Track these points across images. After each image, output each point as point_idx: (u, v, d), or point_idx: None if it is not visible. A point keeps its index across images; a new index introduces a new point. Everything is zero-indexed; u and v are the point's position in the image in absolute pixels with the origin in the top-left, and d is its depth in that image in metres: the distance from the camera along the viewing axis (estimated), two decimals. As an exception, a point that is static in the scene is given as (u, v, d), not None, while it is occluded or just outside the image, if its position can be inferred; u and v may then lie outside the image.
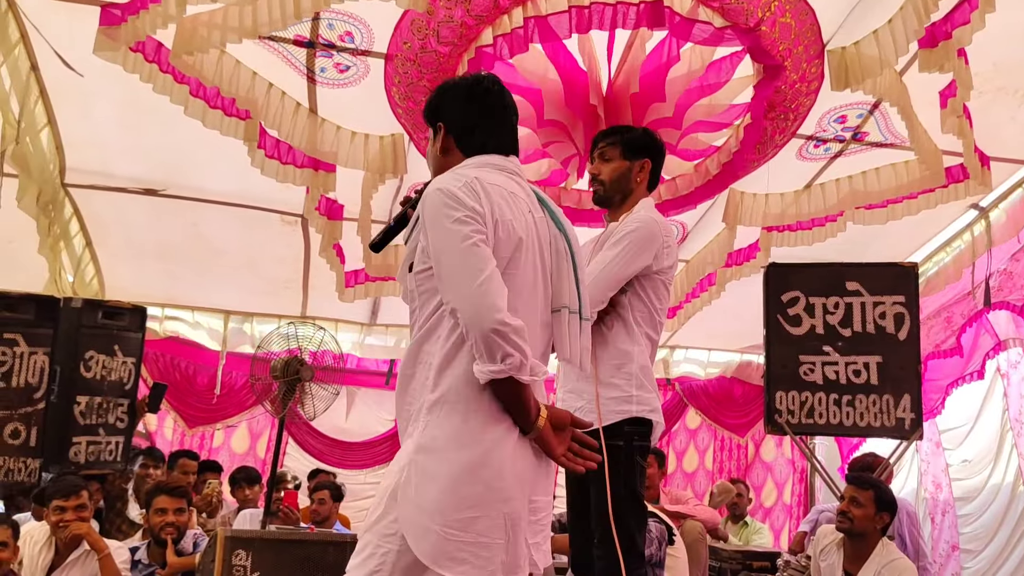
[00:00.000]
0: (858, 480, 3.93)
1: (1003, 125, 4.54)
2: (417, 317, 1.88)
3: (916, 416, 4.43)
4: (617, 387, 2.67)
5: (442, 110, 2.04)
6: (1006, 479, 5.91)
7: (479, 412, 1.77)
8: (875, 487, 3.82)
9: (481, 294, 1.72)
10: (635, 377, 2.68)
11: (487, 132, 2.00)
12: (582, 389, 2.71)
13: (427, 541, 1.70)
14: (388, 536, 1.73)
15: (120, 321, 4.50)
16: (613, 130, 2.97)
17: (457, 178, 1.85)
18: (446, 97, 2.05)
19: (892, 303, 4.55)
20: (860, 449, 6.28)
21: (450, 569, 1.69)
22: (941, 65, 3.60)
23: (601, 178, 2.85)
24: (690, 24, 3.46)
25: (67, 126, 4.71)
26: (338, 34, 3.94)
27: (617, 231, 2.71)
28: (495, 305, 1.71)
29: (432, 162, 2.05)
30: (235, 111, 4.02)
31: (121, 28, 3.34)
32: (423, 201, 1.85)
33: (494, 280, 1.74)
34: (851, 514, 3.77)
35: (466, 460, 1.74)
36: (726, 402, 7.88)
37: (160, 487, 4.14)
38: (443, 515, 1.71)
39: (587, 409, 2.65)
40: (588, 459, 1.92)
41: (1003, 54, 4.11)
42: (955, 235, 5.66)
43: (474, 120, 2.00)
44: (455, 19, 3.49)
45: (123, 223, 5.58)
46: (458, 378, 1.77)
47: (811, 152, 4.88)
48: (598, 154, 2.88)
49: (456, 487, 1.72)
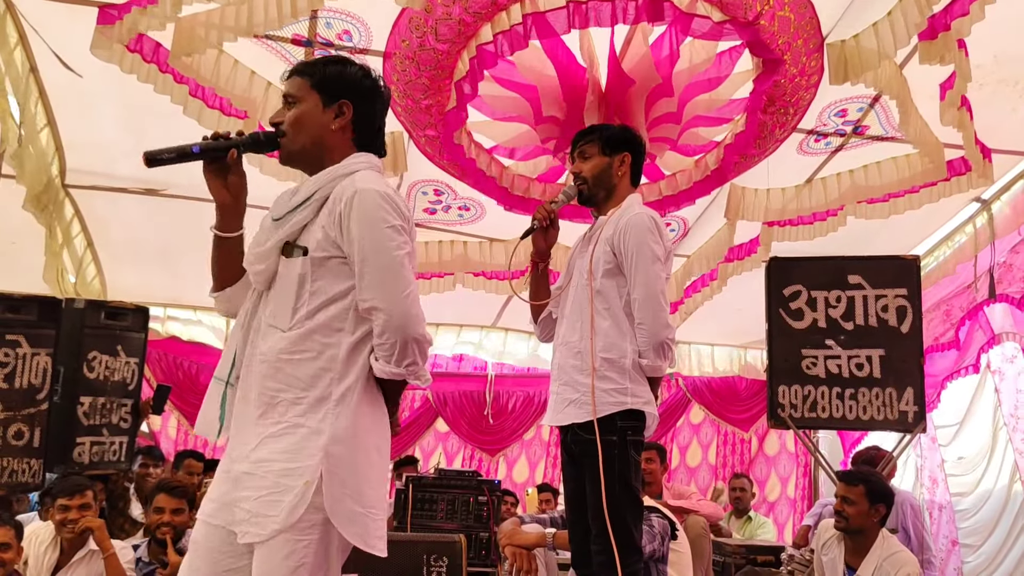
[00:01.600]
0: (847, 477, 3.91)
1: (1004, 117, 4.52)
2: (301, 303, 1.88)
3: (919, 409, 4.42)
4: (611, 379, 2.69)
5: (353, 91, 2.01)
6: (1001, 475, 5.91)
7: (376, 401, 1.93)
8: (864, 481, 3.80)
9: (411, 303, 1.87)
10: (628, 371, 2.70)
11: (381, 135, 2.10)
12: (577, 382, 2.73)
13: (357, 524, 1.81)
14: (308, 528, 1.77)
15: (123, 321, 4.49)
16: (591, 129, 3.02)
17: (384, 182, 1.95)
18: (362, 82, 2.03)
19: (894, 296, 4.53)
20: (863, 442, 6.28)
21: (375, 547, 1.84)
22: (941, 57, 3.59)
23: (583, 175, 2.90)
24: (689, 18, 3.46)
25: (67, 127, 4.71)
26: (336, 33, 3.94)
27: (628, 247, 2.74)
28: (421, 317, 1.88)
29: (315, 130, 1.98)
30: (233, 110, 4.02)
31: (117, 27, 3.34)
32: (355, 197, 1.87)
33: (417, 292, 1.92)
34: (845, 512, 3.76)
35: (372, 444, 1.89)
36: (729, 397, 7.88)
37: (161, 486, 4.14)
38: (366, 497, 1.84)
39: (582, 401, 2.68)
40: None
41: (1004, 46, 4.09)
42: (957, 228, 5.65)
43: (380, 121, 2.09)
44: (453, 16, 3.49)
45: (124, 223, 5.58)
46: (362, 370, 1.89)
47: (812, 147, 4.87)
48: (578, 153, 2.94)
49: (371, 469, 1.87)
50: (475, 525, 4.15)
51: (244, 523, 1.80)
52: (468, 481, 4.27)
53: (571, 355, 2.79)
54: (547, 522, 3.93)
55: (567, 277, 2.96)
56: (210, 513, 1.88)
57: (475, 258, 5.66)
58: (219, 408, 1.93)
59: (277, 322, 1.89)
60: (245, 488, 1.81)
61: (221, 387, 1.95)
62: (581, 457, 2.72)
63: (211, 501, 1.89)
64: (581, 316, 2.80)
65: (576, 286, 2.87)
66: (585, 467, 2.70)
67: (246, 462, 1.84)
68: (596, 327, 2.74)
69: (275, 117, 2.00)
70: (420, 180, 5.13)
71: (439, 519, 4.19)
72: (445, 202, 5.38)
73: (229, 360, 1.95)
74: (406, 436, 7.67)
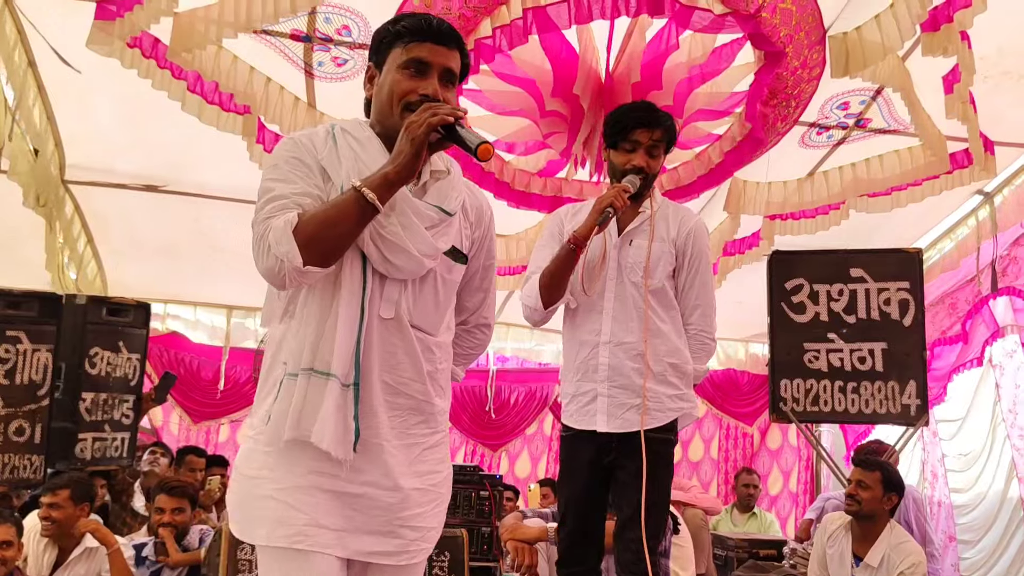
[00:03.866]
0: (864, 462, 3.96)
1: (1008, 109, 4.50)
2: (443, 311, 1.77)
3: (922, 402, 4.41)
4: (674, 385, 2.70)
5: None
6: (998, 472, 5.89)
7: None
8: (882, 468, 3.84)
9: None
10: (687, 376, 2.74)
11: None
12: (639, 386, 2.64)
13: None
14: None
15: (124, 317, 4.50)
16: (659, 121, 2.73)
17: None
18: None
19: (896, 289, 4.52)
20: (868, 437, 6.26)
21: None
22: (944, 49, 3.56)
23: (650, 173, 2.71)
24: (690, 11, 3.44)
25: (66, 123, 4.70)
26: (335, 28, 3.92)
27: (695, 252, 2.74)
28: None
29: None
30: (233, 106, 4.01)
31: (116, 23, 3.32)
32: (491, 213, 1.90)
33: None
34: (859, 496, 3.80)
35: None
36: (732, 391, 7.86)
37: (162, 485, 4.15)
38: None
39: (648, 408, 2.64)
40: None
41: (1007, 38, 4.07)
42: (960, 221, 5.63)
43: None
44: (453, 11, 3.46)
45: (124, 219, 5.57)
46: None
47: (814, 139, 4.85)
48: (647, 149, 2.69)
49: None
50: (477, 520, 4.14)
51: (417, 541, 1.72)
52: (470, 476, 4.26)
53: (629, 357, 2.67)
54: (549, 516, 3.93)
55: (599, 269, 2.72)
56: (332, 545, 1.64)
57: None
58: (353, 417, 1.63)
59: (426, 325, 1.73)
60: (416, 505, 1.70)
61: (341, 390, 1.62)
62: (627, 460, 2.63)
63: (328, 530, 1.63)
64: (636, 315, 2.68)
65: (623, 282, 2.72)
66: (630, 471, 2.62)
67: (413, 478, 1.69)
68: (655, 329, 2.67)
69: (433, 92, 1.69)
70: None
71: (441, 514, 4.18)
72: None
73: (349, 355, 1.62)
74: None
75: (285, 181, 1.66)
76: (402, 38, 1.71)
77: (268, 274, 1.61)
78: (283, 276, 1.58)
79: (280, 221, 1.59)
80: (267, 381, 1.72)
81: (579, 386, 2.73)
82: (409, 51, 1.69)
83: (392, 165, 1.59)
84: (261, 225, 1.62)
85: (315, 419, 1.60)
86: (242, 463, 1.71)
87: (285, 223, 1.58)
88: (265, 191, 1.67)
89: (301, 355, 1.63)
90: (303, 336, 1.64)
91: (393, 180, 1.59)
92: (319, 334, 1.63)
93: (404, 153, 1.58)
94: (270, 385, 1.70)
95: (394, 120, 1.68)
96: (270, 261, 1.58)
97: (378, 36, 1.78)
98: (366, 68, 1.81)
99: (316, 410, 1.60)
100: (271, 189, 1.66)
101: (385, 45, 1.74)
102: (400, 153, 1.59)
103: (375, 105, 1.75)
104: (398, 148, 1.60)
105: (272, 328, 1.75)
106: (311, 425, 1.60)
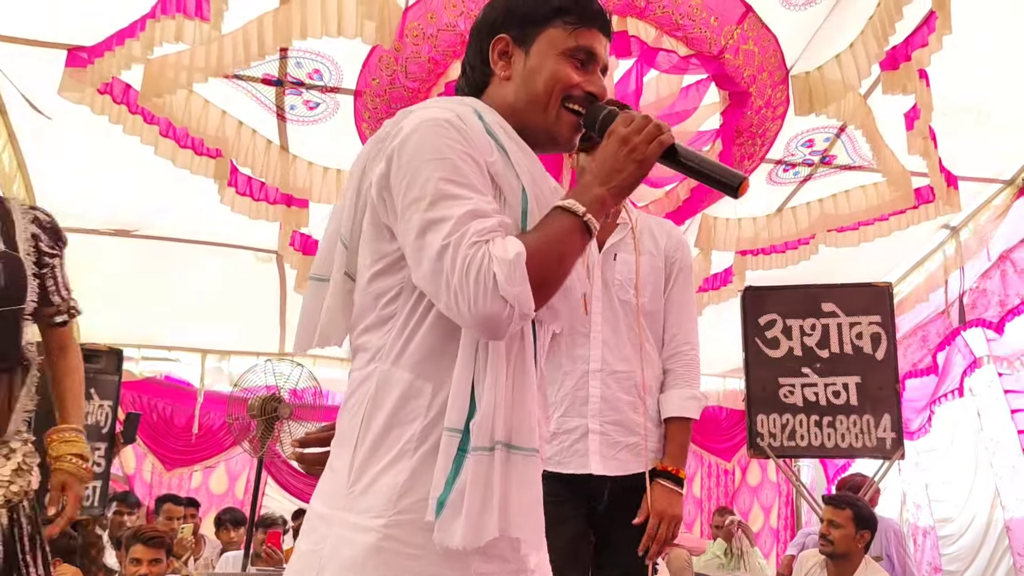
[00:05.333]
0: (835, 501, 3.94)
1: (968, 144, 4.60)
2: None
3: (897, 435, 4.43)
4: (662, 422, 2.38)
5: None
6: (983, 501, 5.91)
7: None
8: (852, 505, 3.82)
9: None
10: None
11: None
12: (633, 421, 2.30)
13: None
14: None
15: (96, 364, 4.46)
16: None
17: None
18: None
19: (868, 323, 4.57)
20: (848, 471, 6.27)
21: None
22: (904, 87, 3.66)
23: None
24: (655, 52, 3.51)
25: (37, 169, 4.69)
26: (306, 72, 3.96)
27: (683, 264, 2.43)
28: None
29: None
30: (205, 150, 4.02)
31: (87, 69, 3.34)
32: None
33: None
34: (831, 536, 3.77)
35: None
36: (711, 427, 7.86)
37: (137, 535, 4.06)
38: None
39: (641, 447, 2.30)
40: None
41: (964, 74, 4.17)
42: (927, 255, 5.71)
43: None
44: (422, 55, 3.52)
45: (96, 265, 5.53)
46: None
47: (781, 176, 4.92)
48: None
49: None
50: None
51: None
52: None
53: (623, 388, 2.31)
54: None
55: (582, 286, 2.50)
56: None
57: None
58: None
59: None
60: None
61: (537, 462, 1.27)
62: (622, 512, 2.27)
63: None
64: (629, 340, 2.33)
65: (612, 300, 2.35)
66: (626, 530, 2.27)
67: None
68: (648, 357, 2.34)
69: (601, 90, 1.40)
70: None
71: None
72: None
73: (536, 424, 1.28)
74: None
75: (474, 189, 1.22)
76: (566, 17, 1.38)
77: (487, 320, 1.16)
78: (508, 324, 1.17)
79: (501, 249, 1.16)
80: (401, 441, 1.24)
81: (562, 422, 2.33)
82: (578, 36, 1.38)
83: (607, 186, 1.27)
84: (469, 248, 1.16)
85: (518, 509, 1.21)
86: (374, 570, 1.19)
87: (517, 255, 1.16)
88: (443, 195, 1.20)
89: (489, 424, 1.20)
90: (480, 398, 1.22)
91: (609, 206, 1.28)
92: (504, 398, 1.23)
93: (629, 175, 1.28)
94: (414, 451, 1.23)
95: (546, 113, 1.36)
96: (495, 305, 1.15)
97: (527, 4, 1.40)
98: (494, 39, 1.40)
99: (520, 496, 1.22)
100: (456, 196, 1.20)
101: (538, 20, 1.39)
102: (621, 174, 1.28)
103: (518, 90, 1.38)
104: (615, 165, 1.28)
105: (382, 367, 1.28)
106: (510, 516, 1.21)
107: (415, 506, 1.20)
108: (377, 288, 1.29)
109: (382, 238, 1.29)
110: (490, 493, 1.18)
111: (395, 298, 1.28)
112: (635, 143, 1.28)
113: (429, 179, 1.20)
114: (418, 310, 1.26)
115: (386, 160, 1.26)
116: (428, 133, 1.24)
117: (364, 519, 1.20)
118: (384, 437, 1.24)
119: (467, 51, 1.46)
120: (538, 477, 1.26)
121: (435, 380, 1.25)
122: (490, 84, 1.40)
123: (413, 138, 1.24)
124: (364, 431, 1.25)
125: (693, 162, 1.31)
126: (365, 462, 1.24)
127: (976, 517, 5.98)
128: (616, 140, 1.29)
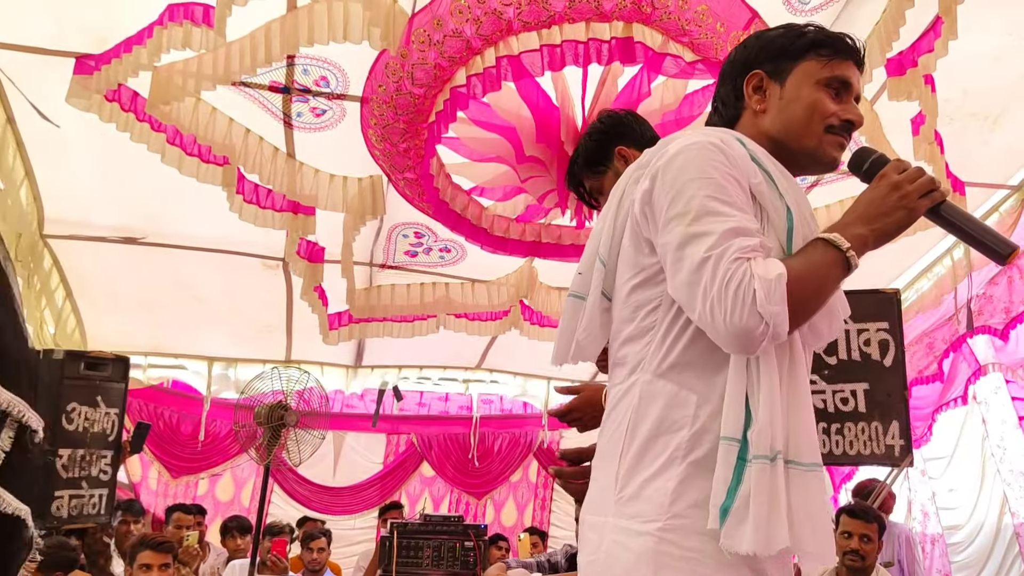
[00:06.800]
0: (864, 515, 3.80)
1: (976, 150, 4.58)
2: None
3: (906, 442, 4.39)
4: None
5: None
6: (991, 508, 5.88)
7: None
8: (878, 518, 3.75)
9: None
10: None
11: None
12: None
13: None
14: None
15: (103, 372, 4.44)
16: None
17: None
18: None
19: (876, 330, 4.53)
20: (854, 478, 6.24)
21: None
22: (910, 93, 3.64)
23: None
24: (661, 58, 3.51)
25: (45, 177, 4.71)
26: (313, 79, 3.97)
27: None
28: None
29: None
30: (212, 158, 4.03)
31: (95, 76, 3.35)
32: None
33: None
34: (862, 551, 3.62)
35: None
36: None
37: (145, 542, 4.06)
38: None
39: None
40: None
41: (972, 80, 4.16)
42: (935, 261, 5.69)
43: None
44: (429, 61, 3.52)
45: (103, 273, 5.55)
46: None
47: (788, 182, 4.91)
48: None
49: None
50: (461, 571, 4.08)
51: None
52: (454, 526, 4.21)
53: None
54: (533, 567, 3.86)
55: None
56: None
57: (458, 300, 5.66)
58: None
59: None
60: None
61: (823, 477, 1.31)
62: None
63: None
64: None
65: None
66: None
67: None
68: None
69: (858, 118, 1.49)
70: (400, 223, 5.14)
71: (425, 565, 4.11)
72: (426, 244, 5.39)
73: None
74: (391, 481, 7.58)
75: (737, 208, 1.27)
76: (820, 50, 1.47)
77: (740, 335, 1.21)
78: (760, 341, 1.21)
79: (763, 268, 1.22)
80: (669, 448, 1.27)
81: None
82: (833, 68, 1.46)
83: (870, 227, 1.32)
84: (732, 263, 1.22)
85: (803, 521, 1.23)
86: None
87: (779, 276, 1.21)
88: (708, 211, 1.26)
89: (769, 433, 1.22)
90: (756, 409, 1.24)
91: (869, 248, 1.33)
92: (780, 410, 1.25)
93: (895, 221, 1.33)
94: (683, 459, 1.27)
95: (807, 138, 1.44)
96: (751, 320, 1.19)
97: (780, 41, 1.50)
98: (748, 75, 1.49)
99: (805, 508, 1.23)
100: (720, 212, 1.26)
101: (792, 53, 1.47)
102: (887, 218, 1.32)
103: (775, 120, 1.45)
104: (882, 209, 1.33)
105: (643, 378, 1.33)
106: (795, 529, 1.22)
107: (688, 511, 1.24)
108: (636, 300, 1.36)
109: (641, 252, 1.36)
110: (777, 502, 1.20)
111: (654, 310, 1.34)
112: (907, 191, 1.33)
113: (694, 196, 1.27)
114: (678, 322, 1.32)
115: (650, 178, 1.34)
116: (694, 154, 1.31)
117: (635, 524, 1.25)
118: (650, 445, 1.29)
119: (717, 90, 1.55)
120: (822, 489, 1.27)
121: (698, 390, 1.29)
122: (742, 117, 1.49)
123: (679, 159, 1.32)
124: (629, 440, 1.31)
125: (960, 222, 1.33)
126: (631, 470, 1.29)
127: (985, 524, 5.95)
128: (887, 185, 1.34)
